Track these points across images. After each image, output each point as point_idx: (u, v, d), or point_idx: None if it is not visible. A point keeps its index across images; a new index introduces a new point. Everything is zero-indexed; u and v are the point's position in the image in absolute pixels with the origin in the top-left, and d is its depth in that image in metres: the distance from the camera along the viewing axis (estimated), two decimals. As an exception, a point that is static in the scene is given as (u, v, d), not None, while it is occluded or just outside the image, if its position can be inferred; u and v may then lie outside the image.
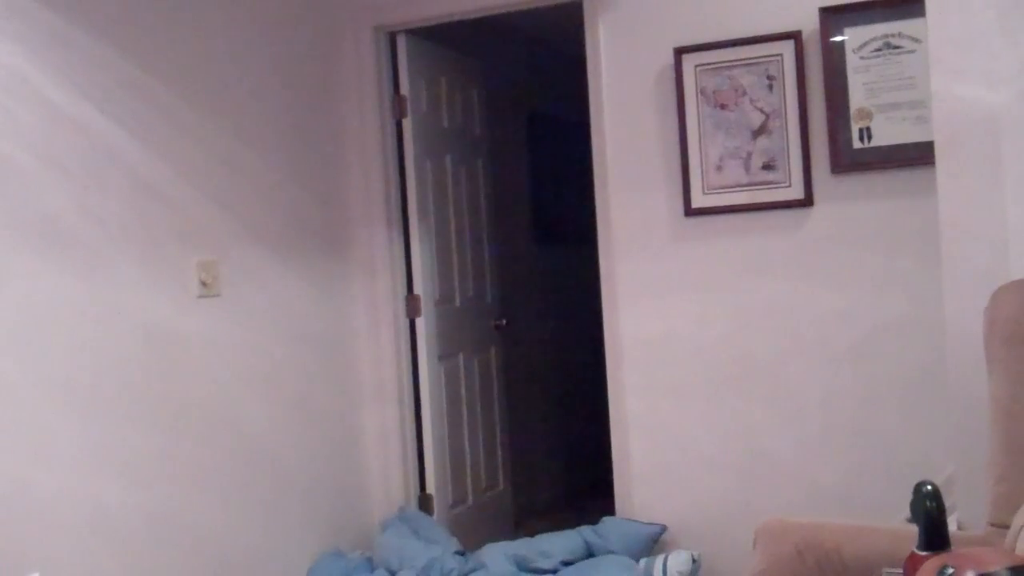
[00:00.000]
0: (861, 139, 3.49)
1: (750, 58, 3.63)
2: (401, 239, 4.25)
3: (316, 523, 3.85)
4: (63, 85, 2.95)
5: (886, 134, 3.46)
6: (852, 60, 3.49)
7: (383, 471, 4.19)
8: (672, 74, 3.74)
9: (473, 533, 4.29)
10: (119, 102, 3.13)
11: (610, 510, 3.90)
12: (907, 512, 1.82)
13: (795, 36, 3.56)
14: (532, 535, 3.89)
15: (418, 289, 4.26)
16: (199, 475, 3.33)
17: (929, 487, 1.72)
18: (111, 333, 3.05)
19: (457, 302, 4.55)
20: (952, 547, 1.70)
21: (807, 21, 3.54)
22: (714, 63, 3.67)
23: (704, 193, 3.71)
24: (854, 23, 3.48)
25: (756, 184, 3.64)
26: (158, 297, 3.23)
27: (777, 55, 3.59)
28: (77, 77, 3.00)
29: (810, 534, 2.18)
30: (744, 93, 3.65)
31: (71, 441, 2.91)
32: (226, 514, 3.43)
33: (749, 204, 3.65)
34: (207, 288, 3.41)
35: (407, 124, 4.26)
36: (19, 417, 2.76)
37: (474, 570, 3.59)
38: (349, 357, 4.13)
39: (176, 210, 3.32)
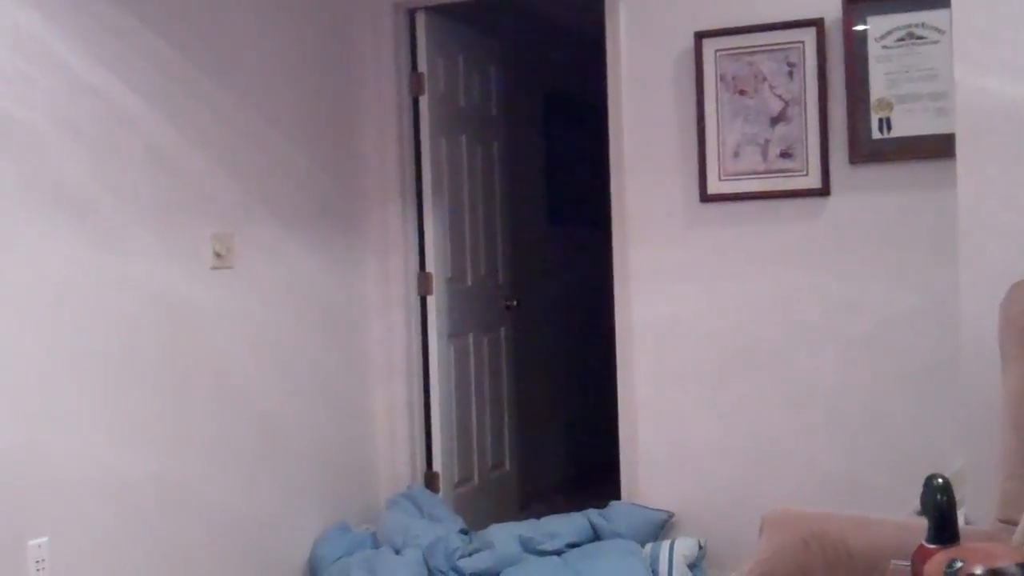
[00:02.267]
0: (880, 129, 3.47)
1: (771, 44, 3.60)
2: (415, 217, 4.25)
3: (323, 496, 3.87)
4: (82, 52, 2.94)
5: (906, 125, 3.43)
6: (874, 49, 3.46)
7: (390, 447, 4.21)
8: (692, 58, 3.71)
9: (478, 513, 4.30)
10: (138, 71, 3.12)
11: (615, 494, 3.90)
12: (913, 504, 1.82)
13: (817, 23, 3.53)
14: (537, 516, 3.90)
15: (430, 267, 4.26)
16: (208, 444, 3.34)
17: (941, 480, 1.72)
18: (123, 300, 3.06)
19: (469, 281, 4.55)
20: (960, 541, 1.70)
21: (830, 8, 3.51)
22: (734, 48, 3.65)
23: (720, 179, 3.69)
24: (877, 12, 3.45)
25: (773, 172, 3.62)
26: (171, 267, 3.24)
27: (799, 42, 3.56)
28: (97, 45, 2.99)
29: (816, 524, 2.18)
30: (764, 79, 3.62)
31: (82, 407, 2.92)
32: (233, 483, 3.45)
33: (765, 192, 3.63)
34: (221, 260, 3.42)
35: (424, 102, 4.25)
36: (30, 382, 2.78)
37: (478, 549, 3.60)
38: (360, 333, 4.13)
39: (192, 181, 3.32)
